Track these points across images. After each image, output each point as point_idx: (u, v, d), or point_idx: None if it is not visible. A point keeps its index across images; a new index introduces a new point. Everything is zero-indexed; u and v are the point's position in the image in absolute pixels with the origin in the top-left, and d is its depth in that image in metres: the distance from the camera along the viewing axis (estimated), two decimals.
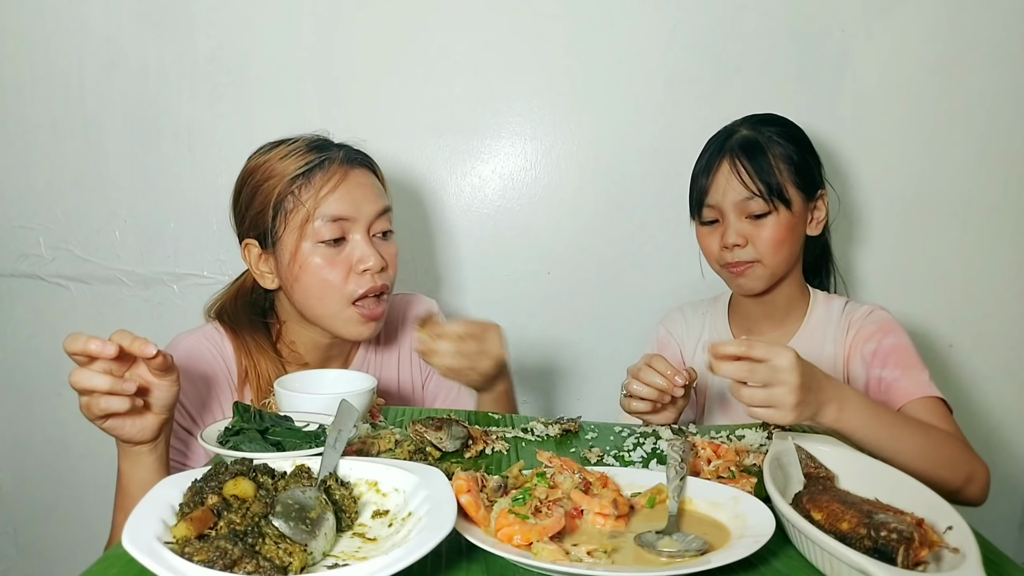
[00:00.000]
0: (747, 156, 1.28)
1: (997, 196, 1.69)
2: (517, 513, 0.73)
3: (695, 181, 1.34)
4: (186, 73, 1.69)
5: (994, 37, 1.63)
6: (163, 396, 0.97)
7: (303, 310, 1.23)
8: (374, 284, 1.20)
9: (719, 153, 1.30)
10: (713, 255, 1.34)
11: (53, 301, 1.78)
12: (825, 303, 1.38)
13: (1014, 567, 0.72)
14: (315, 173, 1.18)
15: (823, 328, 1.35)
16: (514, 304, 1.77)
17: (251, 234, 1.23)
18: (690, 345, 1.47)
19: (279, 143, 1.24)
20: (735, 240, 1.28)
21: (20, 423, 1.84)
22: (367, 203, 1.21)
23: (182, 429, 1.18)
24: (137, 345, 0.90)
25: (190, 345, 1.23)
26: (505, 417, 1.20)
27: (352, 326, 1.22)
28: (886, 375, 1.24)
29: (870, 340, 1.28)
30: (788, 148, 1.30)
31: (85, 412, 0.93)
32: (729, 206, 1.29)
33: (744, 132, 1.32)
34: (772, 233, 1.28)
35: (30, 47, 1.69)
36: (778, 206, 1.27)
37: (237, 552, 0.61)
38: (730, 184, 1.28)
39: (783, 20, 1.64)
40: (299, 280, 1.19)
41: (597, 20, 1.65)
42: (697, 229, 1.37)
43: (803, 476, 0.85)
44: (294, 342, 1.30)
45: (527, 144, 1.72)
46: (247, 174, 1.23)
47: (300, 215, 1.18)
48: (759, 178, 1.26)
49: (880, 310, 1.34)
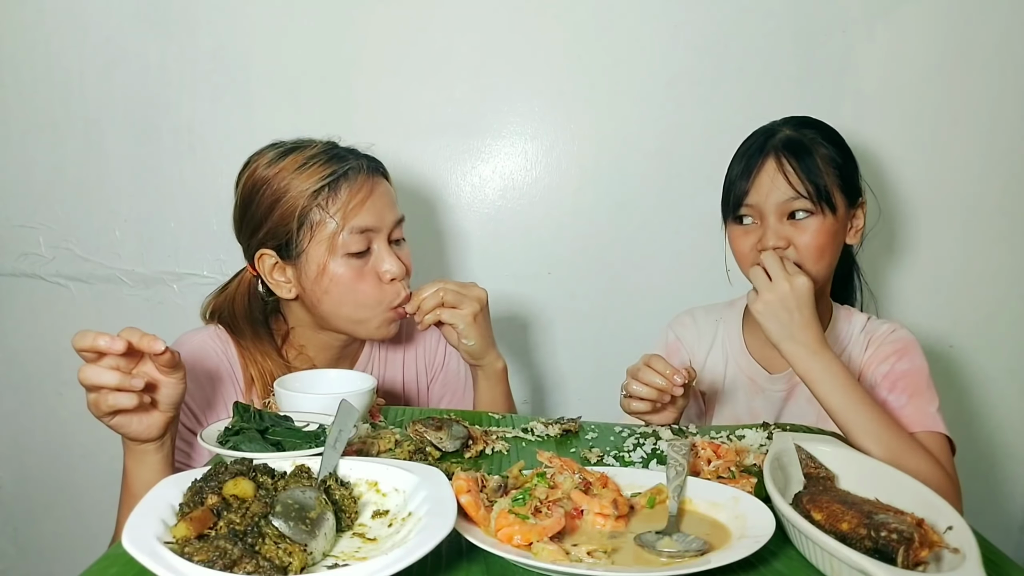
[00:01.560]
0: (794, 155, 1.21)
1: (999, 197, 1.69)
2: (517, 513, 0.73)
3: (733, 181, 1.27)
4: (187, 72, 1.69)
5: (995, 38, 1.63)
6: (170, 393, 0.97)
7: (328, 318, 1.23)
8: (406, 293, 1.24)
9: (761, 152, 1.24)
10: (746, 258, 1.26)
11: (53, 301, 1.78)
12: (847, 319, 1.34)
13: (1014, 567, 0.72)
14: (340, 185, 1.18)
15: (841, 346, 1.32)
16: (515, 304, 1.77)
17: (268, 244, 1.21)
18: (700, 354, 1.42)
19: (290, 150, 1.21)
20: (775, 242, 1.21)
21: (20, 423, 1.84)
22: (388, 213, 1.23)
23: (186, 430, 1.18)
24: (146, 341, 0.91)
25: (196, 344, 1.23)
26: (505, 417, 1.20)
27: (383, 328, 1.25)
28: (892, 400, 1.22)
29: (884, 362, 1.25)
30: (832, 151, 1.25)
31: (92, 409, 0.93)
32: (771, 207, 1.22)
33: (787, 132, 1.26)
34: (815, 238, 1.21)
35: (30, 47, 1.69)
36: (824, 209, 1.21)
37: (237, 552, 0.61)
38: (775, 183, 1.21)
39: (784, 21, 1.64)
40: (330, 293, 1.19)
41: (598, 20, 1.65)
42: (730, 230, 1.30)
43: (803, 476, 0.85)
44: (304, 346, 1.30)
45: (528, 144, 1.72)
46: (260, 184, 1.19)
47: (328, 228, 1.17)
48: (807, 178, 1.20)
49: (902, 329, 1.30)
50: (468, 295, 1.24)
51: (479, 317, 1.24)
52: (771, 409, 1.34)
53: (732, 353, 1.39)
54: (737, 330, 1.41)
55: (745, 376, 1.37)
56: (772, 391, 1.34)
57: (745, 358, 1.38)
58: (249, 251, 1.24)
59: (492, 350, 1.30)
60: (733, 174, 1.28)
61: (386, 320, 1.24)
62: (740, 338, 1.39)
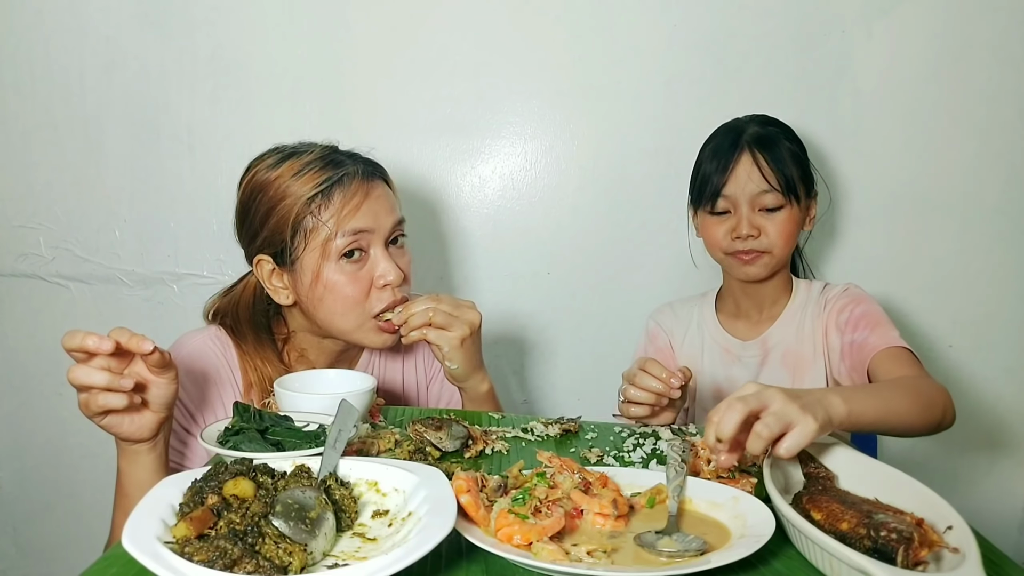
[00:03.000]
0: (767, 150, 1.34)
1: (997, 196, 1.69)
2: (517, 513, 0.73)
3: (707, 174, 1.38)
4: (186, 73, 1.69)
5: (994, 38, 1.63)
6: (161, 394, 0.97)
7: (325, 325, 1.23)
8: (394, 298, 1.21)
9: (735, 147, 1.36)
10: (719, 244, 1.39)
11: (53, 301, 1.78)
12: (806, 288, 1.46)
13: (1014, 567, 0.72)
14: (334, 191, 1.17)
15: (803, 309, 1.43)
16: (514, 304, 1.77)
17: (265, 251, 1.21)
18: (679, 334, 1.53)
19: (288, 155, 1.21)
20: (749, 231, 1.35)
21: (20, 423, 1.84)
22: (384, 216, 1.21)
23: (182, 429, 1.18)
24: (134, 342, 0.90)
25: (195, 345, 1.23)
26: (505, 417, 1.20)
27: (374, 336, 1.23)
28: (857, 337, 1.31)
29: (843, 311, 1.36)
30: (793, 146, 1.38)
31: (83, 409, 0.93)
32: (746, 198, 1.35)
33: (756, 128, 1.38)
34: (784, 226, 1.36)
35: (30, 47, 1.69)
36: (791, 200, 1.35)
37: (237, 552, 0.61)
38: (751, 177, 1.34)
39: (783, 21, 1.64)
40: (324, 300, 1.19)
41: (597, 20, 1.66)
42: (702, 219, 1.42)
43: (803, 476, 0.85)
44: (305, 350, 1.30)
45: (527, 144, 1.72)
46: (257, 190, 1.19)
47: (321, 235, 1.16)
48: (779, 171, 1.33)
49: (854, 286, 1.41)
50: (460, 318, 1.19)
51: (467, 341, 1.19)
52: (748, 375, 1.44)
53: (708, 330, 1.51)
54: (711, 311, 1.53)
55: (720, 347, 1.49)
56: (747, 357, 1.45)
57: (720, 332, 1.50)
58: (248, 256, 1.24)
59: (477, 374, 1.26)
60: (707, 169, 1.39)
61: (374, 328, 1.22)
62: (714, 317, 1.52)
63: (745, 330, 1.47)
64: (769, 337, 1.43)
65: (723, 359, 1.47)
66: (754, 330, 1.46)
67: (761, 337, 1.44)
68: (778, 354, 1.41)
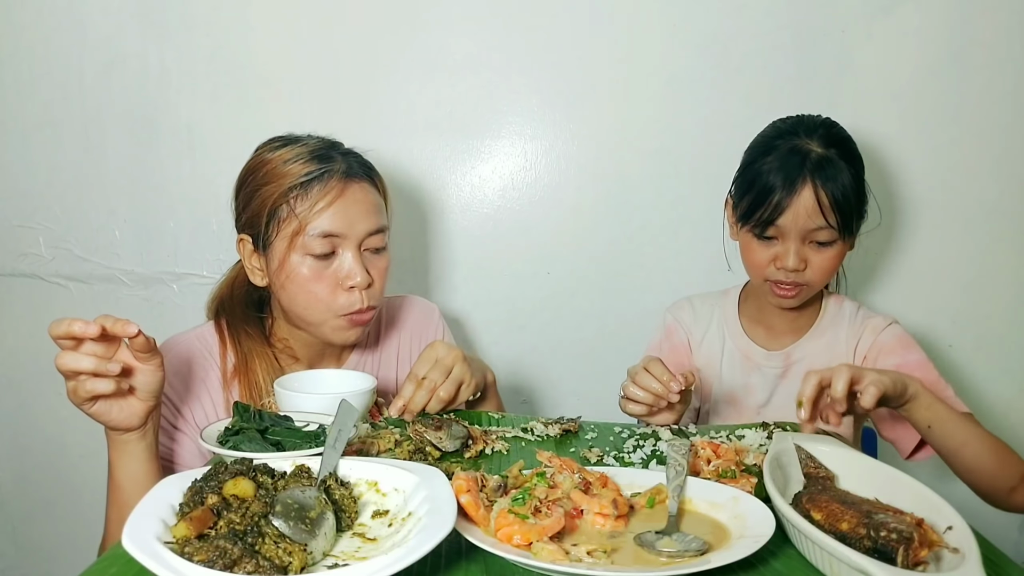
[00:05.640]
0: (831, 187, 1.23)
1: (997, 196, 1.69)
2: (517, 513, 0.73)
3: (761, 195, 1.26)
4: (186, 73, 1.69)
5: (994, 38, 1.63)
6: (148, 381, 0.98)
7: (288, 314, 1.25)
8: (362, 304, 1.20)
9: (797, 175, 1.23)
10: (760, 269, 1.31)
11: (53, 301, 1.78)
12: (836, 303, 1.41)
13: (1014, 567, 0.72)
14: (313, 185, 1.17)
15: (835, 328, 1.39)
16: (514, 304, 1.77)
17: (247, 231, 1.24)
18: (698, 334, 1.48)
19: (288, 142, 1.23)
20: (796, 265, 1.26)
21: (20, 422, 1.84)
22: (361, 221, 1.20)
23: (169, 425, 1.19)
24: (119, 326, 0.92)
25: (180, 342, 1.26)
26: (505, 417, 1.20)
27: (338, 332, 1.23)
28: None
29: (892, 354, 1.31)
30: (854, 173, 1.26)
31: (72, 396, 0.94)
32: (798, 231, 1.25)
33: (820, 151, 1.25)
34: (831, 262, 1.29)
35: (30, 47, 1.69)
36: (845, 238, 1.27)
37: (237, 552, 0.61)
38: (811, 215, 1.23)
39: (783, 20, 1.64)
40: (285, 288, 1.20)
41: (597, 20, 1.65)
42: (745, 237, 1.33)
43: (803, 476, 0.85)
44: (286, 339, 1.30)
45: (527, 144, 1.72)
46: (250, 170, 1.23)
47: (292, 226, 1.17)
48: (839, 210, 1.23)
49: (896, 324, 1.36)
50: (455, 375, 1.15)
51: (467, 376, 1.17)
52: (766, 385, 1.41)
53: (729, 333, 1.45)
54: (733, 312, 1.47)
55: (741, 353, 1.43)
56: (768, 368, 1.41)
57: (743, 338, 1.44)
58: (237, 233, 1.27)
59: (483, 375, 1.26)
60: (761, 188, 1.26)
61: (340, 326, 1.21)
62: (736, 319, 1.46)
63: (767, 338, 1.42)
64: (795, 350, 1.39)
65: (743, 366, 1.43)
66: (777, 340, 1.41)
67: (786, 350, 1.39)
68: (801, 368, 1.35)
